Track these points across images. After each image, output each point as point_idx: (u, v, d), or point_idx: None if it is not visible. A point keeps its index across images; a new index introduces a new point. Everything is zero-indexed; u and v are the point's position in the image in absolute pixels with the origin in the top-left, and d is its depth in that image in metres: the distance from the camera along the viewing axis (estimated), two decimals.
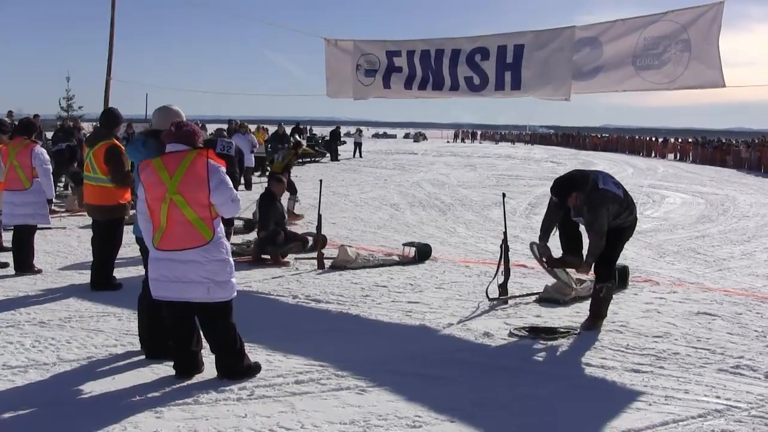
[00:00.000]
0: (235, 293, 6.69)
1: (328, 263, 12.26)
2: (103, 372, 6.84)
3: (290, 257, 12.73)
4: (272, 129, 36.84)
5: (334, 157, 45.90)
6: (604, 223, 8.40)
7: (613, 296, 9.23)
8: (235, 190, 6.55)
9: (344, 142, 52.08)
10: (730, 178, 39.07)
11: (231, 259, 6.62)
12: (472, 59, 11.74)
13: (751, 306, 10.02)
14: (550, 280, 10.32)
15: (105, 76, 20.64)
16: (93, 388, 6.42)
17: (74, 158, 20.26)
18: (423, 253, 13.10)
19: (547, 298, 9.96)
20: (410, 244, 13.38)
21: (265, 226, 12.64)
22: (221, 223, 6.59)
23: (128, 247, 11.81)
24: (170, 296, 6.51)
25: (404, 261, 12.82)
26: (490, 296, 9.92)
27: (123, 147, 10.15)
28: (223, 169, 6.52)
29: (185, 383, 6.55)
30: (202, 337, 6.86)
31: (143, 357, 7.22)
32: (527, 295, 10.20)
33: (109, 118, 10.50)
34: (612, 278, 8.91)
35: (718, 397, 6.52)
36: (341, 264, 12.07)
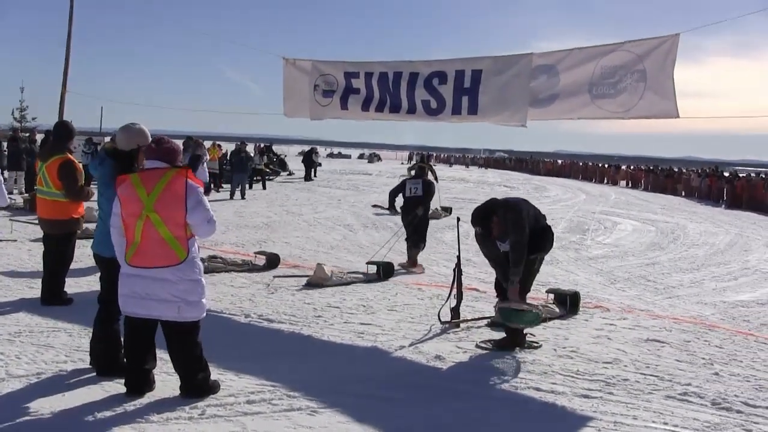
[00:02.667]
0: (205, 314, 6.68)
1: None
2: (53, 389, 6.74)
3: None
4: (230, 147, 36.54)
5: (308, 177, 45.53)
6: (525, 224, 8.73)
7: (564, 321, 9.33)
8: (211, 212, 6.52)
9: (320, 164, 51.29)
10: (680, 207, 39.53)
11: (203, 279, 6.60)
12: (430, 83, 11.79)
13: (699, 334, 10.16)
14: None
15: (60, 88, 20.47)
16: (42, 405, 6.33)
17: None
18: (386, 270, 13.46)
19: (499, 323, 9.88)
20: (372, 263, 13.66)
21: None
22: (196, 243, 6.57)
23: (80, 262, 11.73)
24: (139, 313, 6.48)
25: (370, 278, 13.16)
26: (442, 319, 9.96)
27: (75, 161, 10.10)
28: (201, 189, 6.51)
29: (136, 401, 6.49)
30: (157, 355, 6.84)
31: (94, 374, 7.15)
32: (479, 318, 10.25)
33: (62, 131, 10.40)
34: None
35: (665, 424, 6.61)
36: (317, 282, 12.25)
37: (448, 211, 16.64)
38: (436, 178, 18.23)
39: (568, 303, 10.98)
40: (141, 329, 6.60)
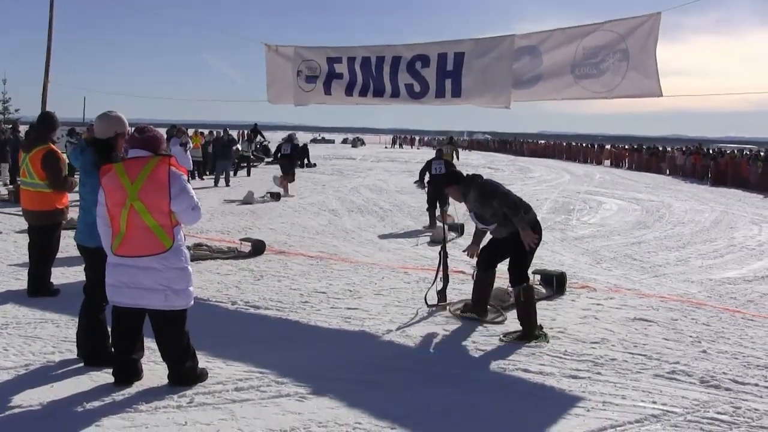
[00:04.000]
0: (192, 302, 6.66)
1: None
2: (41, 380, 6.72)
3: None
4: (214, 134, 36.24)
5: (302, 166, 43.75)
6: (508, 194, 9.00)
7: (551, 302, 9.36)
8: (196, 198, 6.49)
9: (314, 165, 47.17)
10: (665, 185, 39.63)
11: (190, 267, 6.58)
12: (413, 66, 11.78)
13: (686, 312, 10.19)
14: None
15: (42, 79, 20.35)
16: (31, 396, 6.30)
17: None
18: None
19: (469, 312, 9.80)
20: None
21: None
22: (181, 231, 6.54)
23: (66, 252, 11.68)
24: (126, 302, 6.45)
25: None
26: (429, 303, 9.95)
27: (59, 151, 10.03)
28: (185, 176, 6.48)
29: (124, 391, 6.46)
30: (144, 344, 6.82)
31: (82, 364, 7.12)
32: (466, 301, 10.23)
33: (45, 122, 10.33)
34: (525, 280, 8.94)
35: (654, 403, 6.62)
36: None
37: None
38: (458, 156, 23.17)
39: (554, 284, 11.03)
40: (128, 319, 6.57)
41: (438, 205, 18.71)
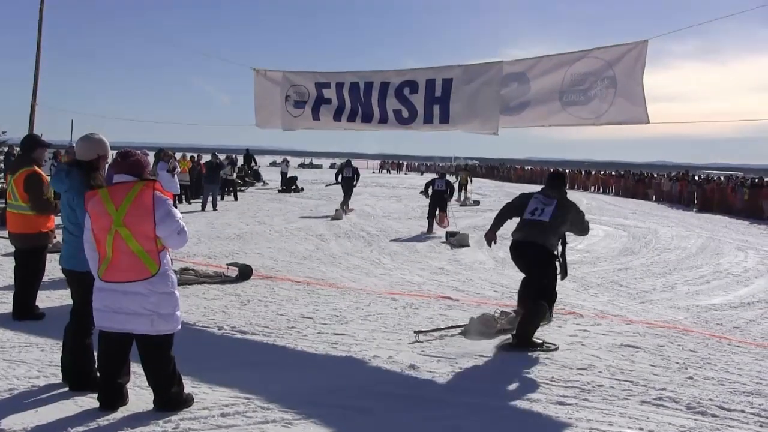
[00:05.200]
0: (179, 326, 6.64)
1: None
2: (26, 404, 6.67)
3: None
4: (204, 158, 35.99)
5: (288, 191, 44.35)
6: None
7: (537, 330, 9.37)
8: (182, 222, 6.48)
9: (302, 189, 46.67)
10: (652, 211, 39.76)
11: (177, 292, 6.56)
12: (401, 92, 11.82)
13: (672, 338, 10.21)
14: (476, 313, 10.40)
15: (30, 101, 20.29)
16: (14, 421, 6.26)
17: None
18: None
19: (472, 332, 9.94)
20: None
21: None
22: (167, 255, 6.52)
23: (52, 275, 11.64)
24: (113, 327, 6.43)
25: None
26: (416, 329, 9.94)
27: (43, 174, 10.01)
28: (170, 201, 6.49)
29: (109, 416, 6.43)
30: (130, 368, 6.79)
31: (66, 389, 7.08)
32: (453, 327, 10.22)
33: (28, 143, 10.30)
34: (547, 297, 9.40)
35: (641, 429, 6.63)
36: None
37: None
38: (471, 180, 35.36)
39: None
40: (115, 343, 6.55)
41: (438, 211, 24.74)
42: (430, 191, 25.10)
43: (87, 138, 7.25)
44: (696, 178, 55.80)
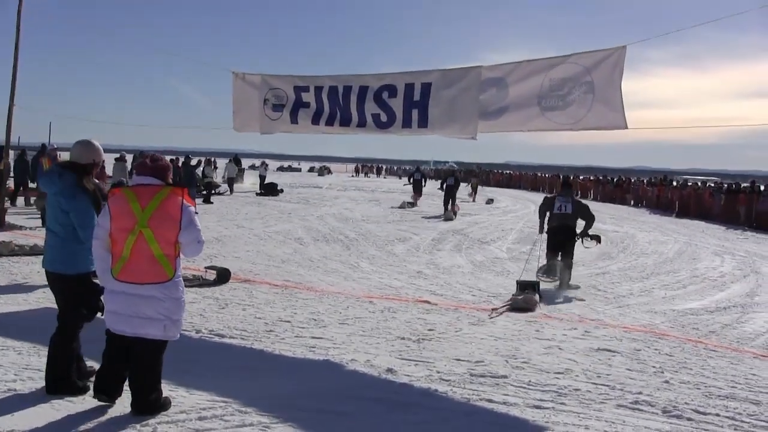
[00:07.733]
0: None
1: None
2: (2, 408, 6.61)
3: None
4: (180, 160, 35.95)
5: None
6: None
7: (515, 332, 9.50)
8: (201, 233, 6.54)
9: (282, 191, 46.22)
10: (630, 216, 39.93)
11: (185, 298, 6.64)
12: (380, 96, 11.83)
13: (649, 342, 10.27)
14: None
15: (8, 102, 20.16)
16: None
17: None
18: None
19: (517, 307, 12.12)
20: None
21: None
22: (180, 263, 6.56)
23: (29, 279, 11.59)
24: (127, 331, 6.46)
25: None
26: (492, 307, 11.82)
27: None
28: (194, 209, 6.51)
29: (87, 420, 6.40)
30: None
31: (44, 393, 7.03)
32: (508, 304, 11.94)
33: None
34: (570, 257, 15.25)
35: None
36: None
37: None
38: (480, 182, 53.38)
39: (537, 288, 13.35)
40: (123, 346, 6.57)
41: (450, 202, 34.04)
42: (444, 186, 35.51)
43: (87, 143, 7.31)
44: (674, 183, 56.07)
